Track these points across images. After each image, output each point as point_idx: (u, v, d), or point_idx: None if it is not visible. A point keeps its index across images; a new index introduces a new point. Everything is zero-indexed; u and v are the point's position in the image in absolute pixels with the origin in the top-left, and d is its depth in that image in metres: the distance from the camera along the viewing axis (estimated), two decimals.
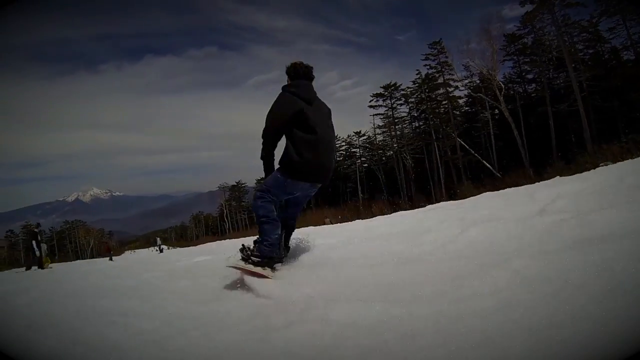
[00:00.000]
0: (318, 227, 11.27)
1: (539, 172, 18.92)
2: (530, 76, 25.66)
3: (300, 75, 3.04)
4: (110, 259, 20.52)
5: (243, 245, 3.04)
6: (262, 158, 3.05)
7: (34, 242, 12.89)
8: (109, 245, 30.30)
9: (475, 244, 2.71)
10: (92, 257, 39.34)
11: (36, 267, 12.51)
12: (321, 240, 3.83)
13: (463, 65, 25.76)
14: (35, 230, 14.36)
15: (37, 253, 12.72)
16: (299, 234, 3.67)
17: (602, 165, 11.15)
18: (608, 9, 20.95)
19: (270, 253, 2.85)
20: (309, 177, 2.91)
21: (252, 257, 2.82)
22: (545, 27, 23.33)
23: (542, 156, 21.97)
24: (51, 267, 13.00)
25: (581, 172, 9.55)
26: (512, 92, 25.36)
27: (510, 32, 24.59)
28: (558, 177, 8.54)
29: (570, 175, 8.38)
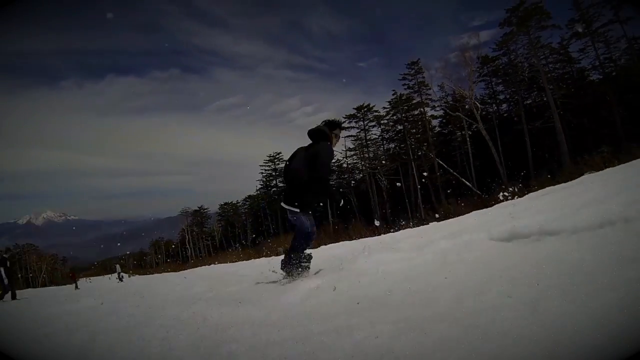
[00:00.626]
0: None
1: (519, 188, 18.87)
2: (501, 97, 26.36)
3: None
4: (77, 287, 19.88)
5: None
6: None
7: (2, 270, 11.10)
8: (74, 272, 28.13)
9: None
10: (44, 285, 36.95)
11: (7, 298, 10.86)
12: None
13: (438, 86, 26.42)
14: (5, 255, 12.12)
15: (6, 281, 11.09)
16: None
17: (587, 174, 11.13)
18: (577, 32, 21.96)
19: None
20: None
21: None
22: (519, 49, 24.18)
23: (519, 172, 21.95)
24: (26, 298, 11.38)
25: (565, 182, 10.15)
26: (484, 113, 25.66)
27: (483, 55, 25.29)
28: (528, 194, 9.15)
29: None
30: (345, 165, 32.38)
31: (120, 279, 25.93)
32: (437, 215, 16.97)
